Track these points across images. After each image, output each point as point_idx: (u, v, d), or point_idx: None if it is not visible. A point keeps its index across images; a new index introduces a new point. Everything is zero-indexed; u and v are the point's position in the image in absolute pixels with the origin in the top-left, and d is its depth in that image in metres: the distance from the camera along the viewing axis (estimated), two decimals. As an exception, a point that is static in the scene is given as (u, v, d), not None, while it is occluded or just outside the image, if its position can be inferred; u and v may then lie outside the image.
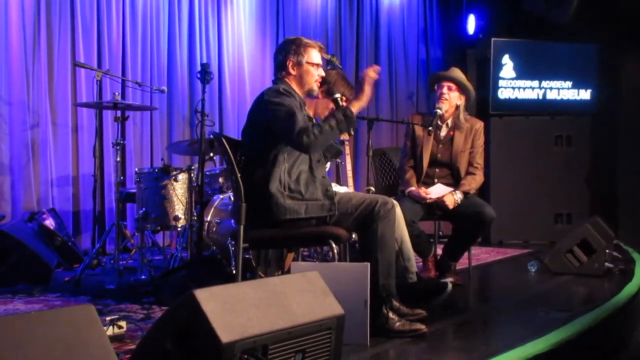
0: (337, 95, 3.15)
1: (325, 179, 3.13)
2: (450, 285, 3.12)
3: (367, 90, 3.01)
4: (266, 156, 3.02)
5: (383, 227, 2.96)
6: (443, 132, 4.33)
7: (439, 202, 4.10)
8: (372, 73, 3.04)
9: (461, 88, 4.29)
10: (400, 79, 7.94)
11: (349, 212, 3.02)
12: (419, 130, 4.31)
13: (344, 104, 3.20)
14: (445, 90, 4.26)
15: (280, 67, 3.16)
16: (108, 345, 1.65)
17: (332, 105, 3.35)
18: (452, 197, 4.10)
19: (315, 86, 3.17)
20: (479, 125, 4.36)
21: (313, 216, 3.01)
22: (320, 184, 3.07)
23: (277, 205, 2.97)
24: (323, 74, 3.21)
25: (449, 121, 4.32)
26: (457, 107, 4.30)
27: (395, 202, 3.09)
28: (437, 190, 4.13)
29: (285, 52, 3.14)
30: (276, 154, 3.02)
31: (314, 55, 3.15)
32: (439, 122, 4.29)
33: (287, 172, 3.02)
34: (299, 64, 3.12)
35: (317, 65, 3.16)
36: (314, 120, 3.23)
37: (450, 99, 4.27)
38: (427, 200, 4.10)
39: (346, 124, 2.95)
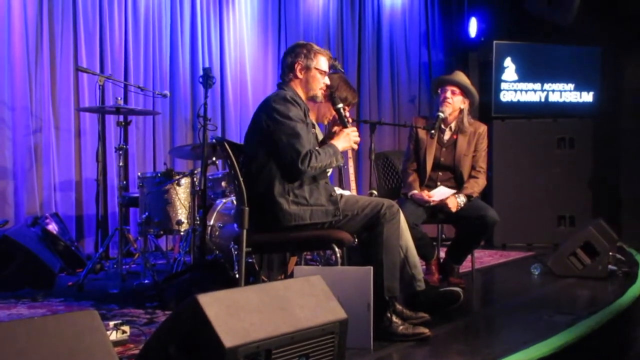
0: (340, 105, 3.18)
1: (328, 184, 3.13)
2: (462, 296, 3.13)
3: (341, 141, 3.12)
4: (269, 160, 3.01)
5: (388, 229, 2.96)
6: (446, 136, 4.33)
7: (442, 205, 4.10)
8: (355, 137, 3.14)
9: (465, 92, 4.29)
10: (402, 82, 7.94)
11: (355, 214, 3.02)
12: (422, 133, 4.31)
13: (347, 113, 3.21)
14: (449, 94, 4.26)
15: (288, 69, 3.16)
16: (111, 350, 1.65)
17: (333, 112, 3.36)
18: (455, 200, 4.09)
19: (319, 93, 3.18)
20: (483, 128, 4.36)
21: (317, 222, 3.01)
22: (324, 189, 3.06)
23: (282, 211, 2.96)
24: (328, 82, 3.23)
25: (453, 125, 4.32)
26: (461, 110, 4.30)
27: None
28: (440, 193, 4.13)
29: (294, 55, 3.15)
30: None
31: (323, 62, 3.16)
32: (442, 126, 4.30)
33: (289, 177, 3.02)
34: (307, 69, 3.13)
35: (324, 72, 3.17)
36: (317, 128, 3.24)
37: (454, 103, 4.27)
38: (430, 203, 4.10)
39: (337, 161, 3.07)
